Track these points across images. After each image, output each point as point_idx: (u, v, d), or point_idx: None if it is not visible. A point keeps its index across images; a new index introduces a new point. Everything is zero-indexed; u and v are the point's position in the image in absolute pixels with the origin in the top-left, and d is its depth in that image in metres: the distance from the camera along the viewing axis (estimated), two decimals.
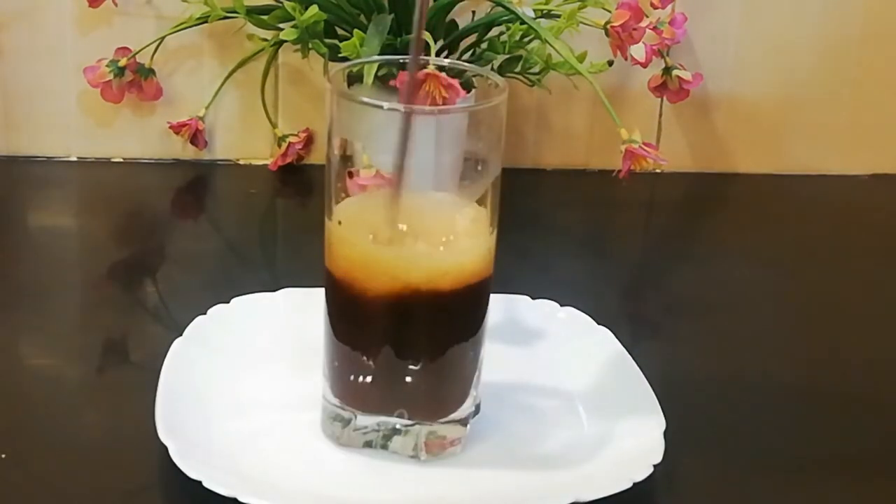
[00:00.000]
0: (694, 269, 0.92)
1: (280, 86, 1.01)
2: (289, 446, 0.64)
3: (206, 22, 0.94)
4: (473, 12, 0.95)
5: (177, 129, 1.00)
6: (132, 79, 0.97)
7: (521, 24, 0.89)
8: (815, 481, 0.65)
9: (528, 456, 0.64)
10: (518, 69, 0.93)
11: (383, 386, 0.62)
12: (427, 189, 0.62)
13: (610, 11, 0.89)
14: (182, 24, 0.95)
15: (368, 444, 0.63)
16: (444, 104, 0.70)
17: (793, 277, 0.90)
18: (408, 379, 0.62)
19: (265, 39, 0.96)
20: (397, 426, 0.63)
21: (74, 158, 1.02)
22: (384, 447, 0.63)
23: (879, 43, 1.05)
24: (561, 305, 0.75)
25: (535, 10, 0.91)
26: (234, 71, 1.00)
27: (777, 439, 0.68)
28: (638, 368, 0.69)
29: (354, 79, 0.63)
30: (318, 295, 0.64)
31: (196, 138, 1.00)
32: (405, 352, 0.62)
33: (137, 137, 1.02)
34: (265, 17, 0.92)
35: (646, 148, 0.87)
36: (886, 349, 0.80)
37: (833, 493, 0.64)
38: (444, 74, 0.70)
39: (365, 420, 0.63)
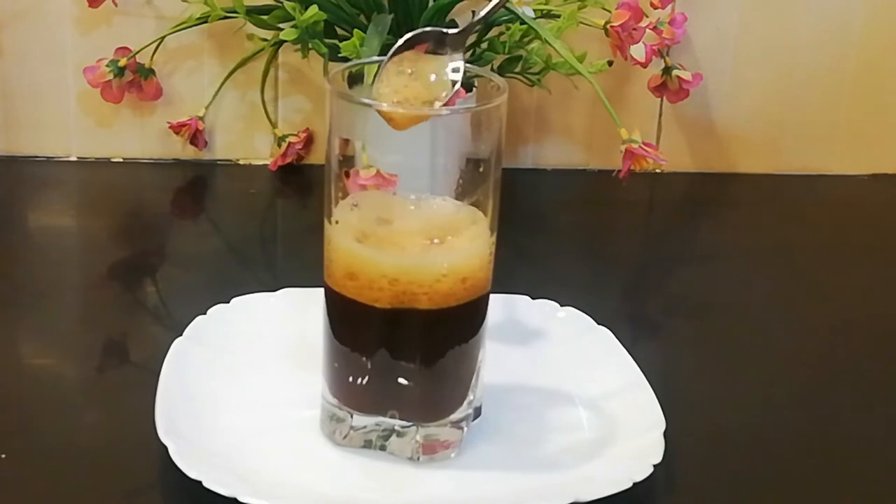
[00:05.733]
0: (694, 269, 0.91)
1: (280, 86, 1.01)
2: (288, 446, 0.64)
3: (206, 22, 0.94)
4: (473, 12, 0.95)
5: (177, 129, 1.00)
6: (132, 79, 0.97)
7: (521, 24, 0.89)
8: (815, 481, 0.65)
9: (528, 456, 0.64)
10: (518, 69, 0.93)
11: (378, 387, 0.62)
12: (425, 191, 0.62)
13: (610, 11, 0.89)
14: (182, 24, 0.95)
15: (367, 445, 0.63)
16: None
17: (792, 277, 0.90)
18: (402, 381, 0.62)
19: (265, 39, 0.96)
20: (395, 427, 0.63)
21: (74, 158, 1.02)
22: (382, 448, 0.63)
23: (879, 43, 1.05)
24: (561, 305, 0.75)
25: (535, 10, 0.91)
26: (234, 71, 1.00)
27: (777, 439, 0.68)
28: (638, 368, 0.69)
29: (354, 79, 0.63)
30: (318, 295, 0.63)
31: (196, 138, 1.00)
32: (400, 354, 0.61)
33: (137, 137, 1.02)
34: (265, 17, 0.92)
35: (646, 148, 0.87)
36: (886, 349, 0.80)
37: (833, 493, 0.64)
38: None
39: (362, 420, 0.63)
